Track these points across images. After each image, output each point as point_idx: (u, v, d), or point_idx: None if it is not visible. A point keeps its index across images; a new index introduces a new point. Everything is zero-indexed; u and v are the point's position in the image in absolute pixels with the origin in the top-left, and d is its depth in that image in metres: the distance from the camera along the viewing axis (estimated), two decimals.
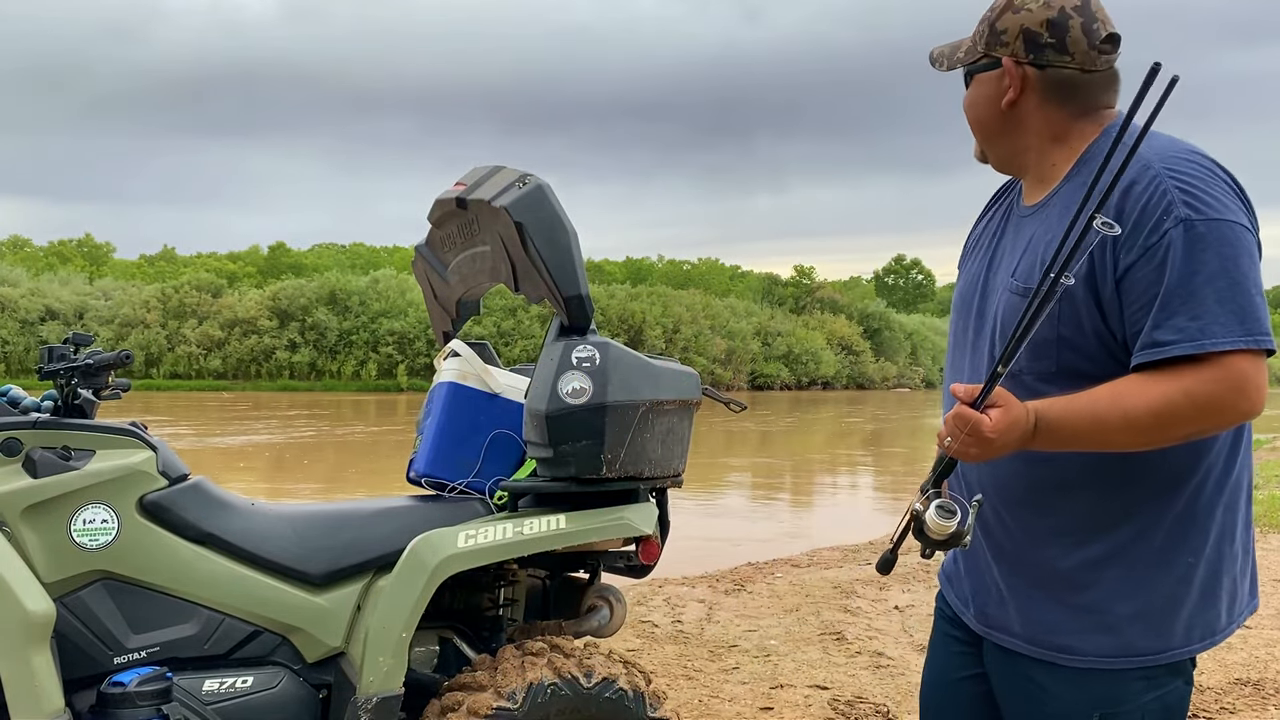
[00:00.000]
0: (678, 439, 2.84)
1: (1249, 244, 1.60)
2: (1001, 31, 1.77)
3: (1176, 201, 1.58)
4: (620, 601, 3.04)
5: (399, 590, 2.60)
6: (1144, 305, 1.59)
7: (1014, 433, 1.58)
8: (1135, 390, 1.58)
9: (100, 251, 74.04)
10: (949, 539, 1.59)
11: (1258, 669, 4.94)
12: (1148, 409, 1.57)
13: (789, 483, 15.32)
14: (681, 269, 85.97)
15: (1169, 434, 1.60)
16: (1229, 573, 1.73)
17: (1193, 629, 1.71)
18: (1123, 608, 1.69)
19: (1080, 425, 1.60)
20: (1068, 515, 1.72)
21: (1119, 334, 1.64)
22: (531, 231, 2.65)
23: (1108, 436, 1.60)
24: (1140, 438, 1.60)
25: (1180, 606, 1.69)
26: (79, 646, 2.50)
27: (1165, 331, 1.57)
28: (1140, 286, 1.59)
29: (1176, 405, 1.56)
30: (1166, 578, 1.69)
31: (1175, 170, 1.62)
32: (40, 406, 2.64)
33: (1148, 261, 1.58)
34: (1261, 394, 1.58)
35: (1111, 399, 1.59)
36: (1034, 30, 1.75)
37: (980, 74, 1.82)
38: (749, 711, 4.29)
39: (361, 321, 44.84)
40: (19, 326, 41.87)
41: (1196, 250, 1.56)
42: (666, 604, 6.26)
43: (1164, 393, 1.56)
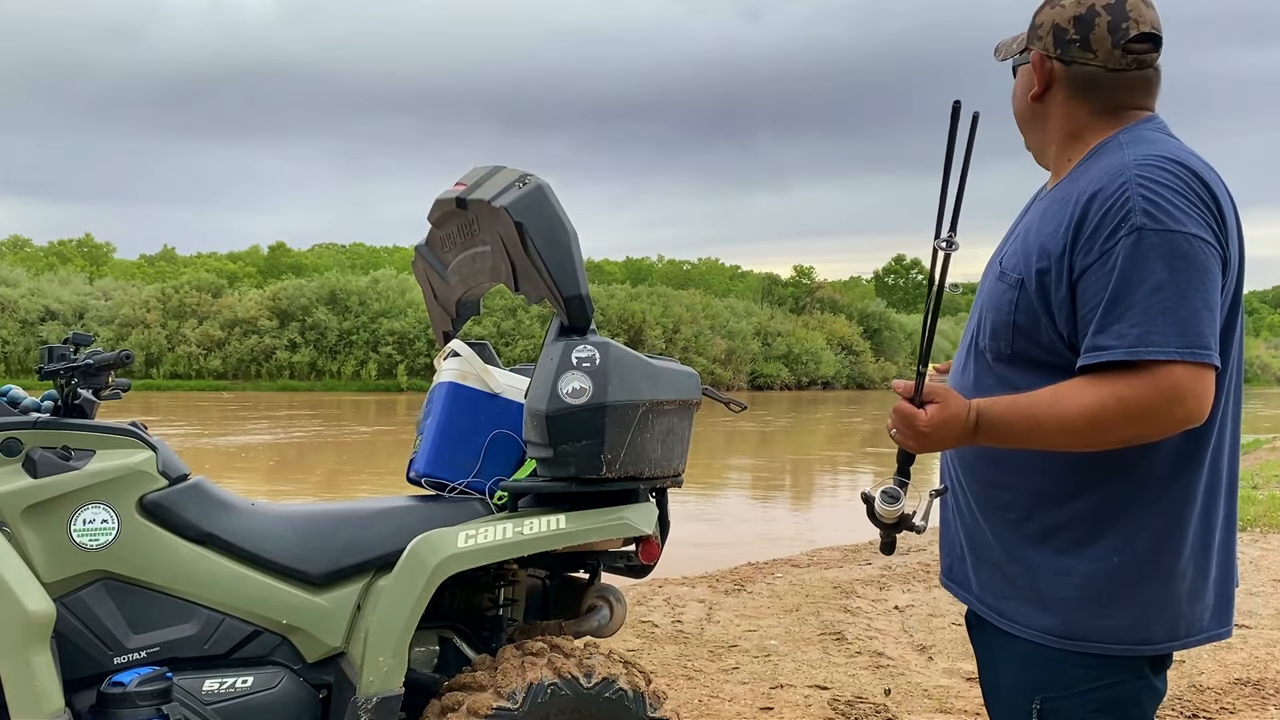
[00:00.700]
0: (678, 439, 2.84)
1: (1203, 258, 1.60)
2: (1038, 25, 1.82)
3: (1136, 210, 1.61)
4: (620, 601, 3.04)
5: (399, 590, 2.60)
6: (1093, 309, 1.63)
7: (951, 428, 1.67)
8: (1072, 394, 1.62)
9: (100, 251, 74.02)
10: (896, 522, 1.74)
11: (1258, 669, 4.94)
12: (1082, 413, 1.61)
13: (789, 483, 15.32)
14: (681, 269, 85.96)
15: (1103, 438, 1.63)
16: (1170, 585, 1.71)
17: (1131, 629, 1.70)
18: (1052, 588, 1.73)
19: (1018, 426, 1.66)
20: (1016, 492, 1.78)
21: (1065, 332, 1.69)
22: (531, 231, 2.65)
23: (1045, 438, 1.65)
24: (1075, 440, 1.64)
25: (1112, 600, 1.70)
26: (79, 646, 2.50)
27: (1107, 336, 1.60)
28: (1091, 290, 1.63)
29: (1109, 410, 1.59)
30: (1089, 567, 1.71)
31: (1145, 178, 1.64)
32: (40, 406, 2.64)
33: (1100, 266, 1.62)
34: (1201, 402, 1.59)
35: (1050, 402, 1.64)
36: (1062, 26, 1.78)
37: (1023, 65, 1.87)
38: (749, 711, 4.29)
39: (361, 321, 44.83)
40: (19, 326, 41.85)
41: (1147, 259, 1.59)
42: (666, 604, 6.26)
43: (1098, 397, 1.60)
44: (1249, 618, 5.99)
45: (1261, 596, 6.58)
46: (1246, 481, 12.99)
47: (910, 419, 1.68)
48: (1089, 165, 1.76)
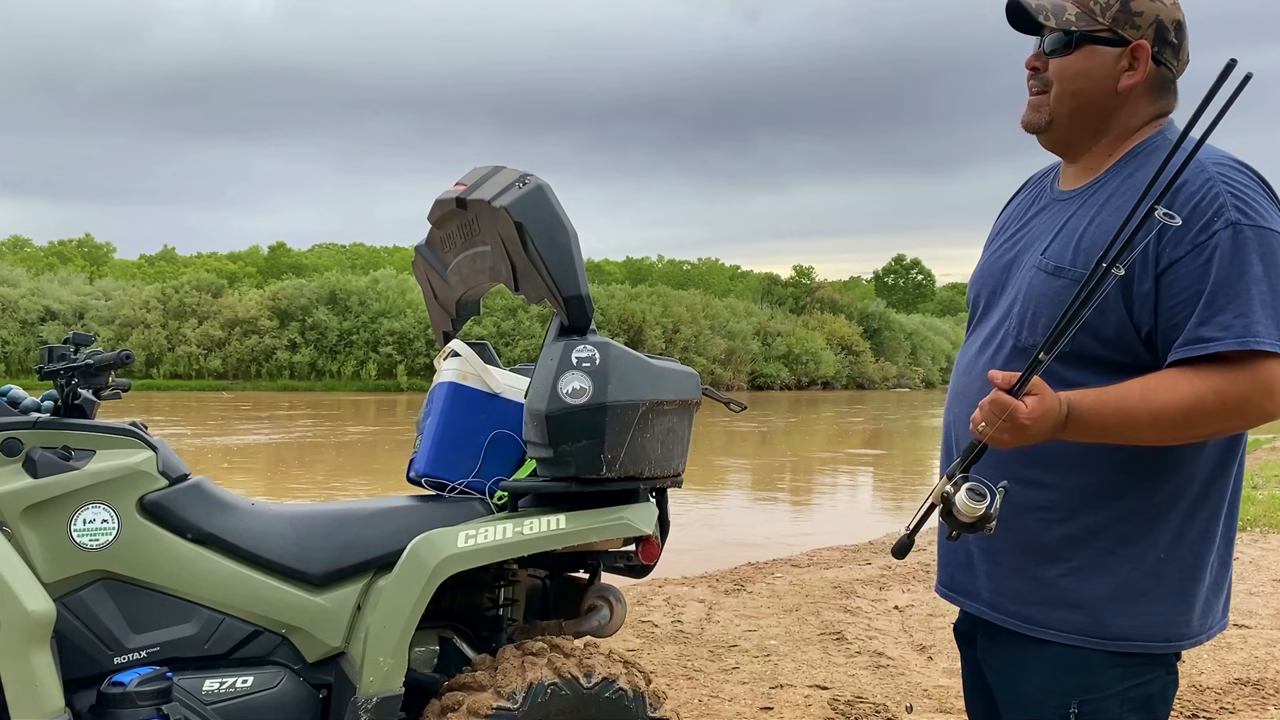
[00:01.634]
0: (678, 439, 2.84)
1: None
2: (1137, 14, 1.75)
3: (1228, 205, 1.62)
4: (620, 601, 3.04)
5: (399, 590, 2.60)
6: (1186, 300, 1.62)
7: (1047, 421, 1.61)
8: (1166, 387, 1.61)
9: (100, 251, 74.04)
10: (976, 521, 1.61)
11: (1258, 669, 4.94)
12: (1178, 406, 1.59)
13: (789, 483, 15.32)
14: (681, 269, 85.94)
15: (1195, 432, 1.63)
16: (1201, 579, 1.74)
17: (1165, 624, 1.72)
18: (1091, 588, 1.72)
19: (1109, 419, 1.62)
20: (1058, 492, 1.74)
21: (1143, 327, 1.67)
22: (531, 231, 2.65)
23: (1135, 432, 1.63)
24: (1166, 434, 1.63)
25: (1150, 598, 1.71)
26: (79, 646, 2.50)
27: (1211, 328, 1.59)
28: (1184, 281, 1.62)
29: (1207, 404, 1.59)
30: (1135, 567, 1.71)
31: (1227, 176, 1.65)
32: (40, 406, 2.64)
33: (1194, 257, 1.61)
34: None
35: (1142, 395, 1.61)
36: (1166, 26, 1.76)
37: (1096, 46, 1.77)
38: (749, 711, 4.29)
39: (361, 321, 44.81)
40: (19, 326, 41.81)
41: (1244, 253, 1.60)
42: (666, 604, 6.26)
43: (1196, 391, 1.59)
44: (1249, 618, 5.99)
45: (1261, 596, 6.58)
46: (1247, 481, 12.96)
47: (1010, 410, 1.58)
48: (1140, 162, 1.75)
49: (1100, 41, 1.77)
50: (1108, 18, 1.76)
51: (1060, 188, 1.88)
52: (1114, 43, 1.76)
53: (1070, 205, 1.82)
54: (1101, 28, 1.76)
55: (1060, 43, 1.79)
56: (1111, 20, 1.76)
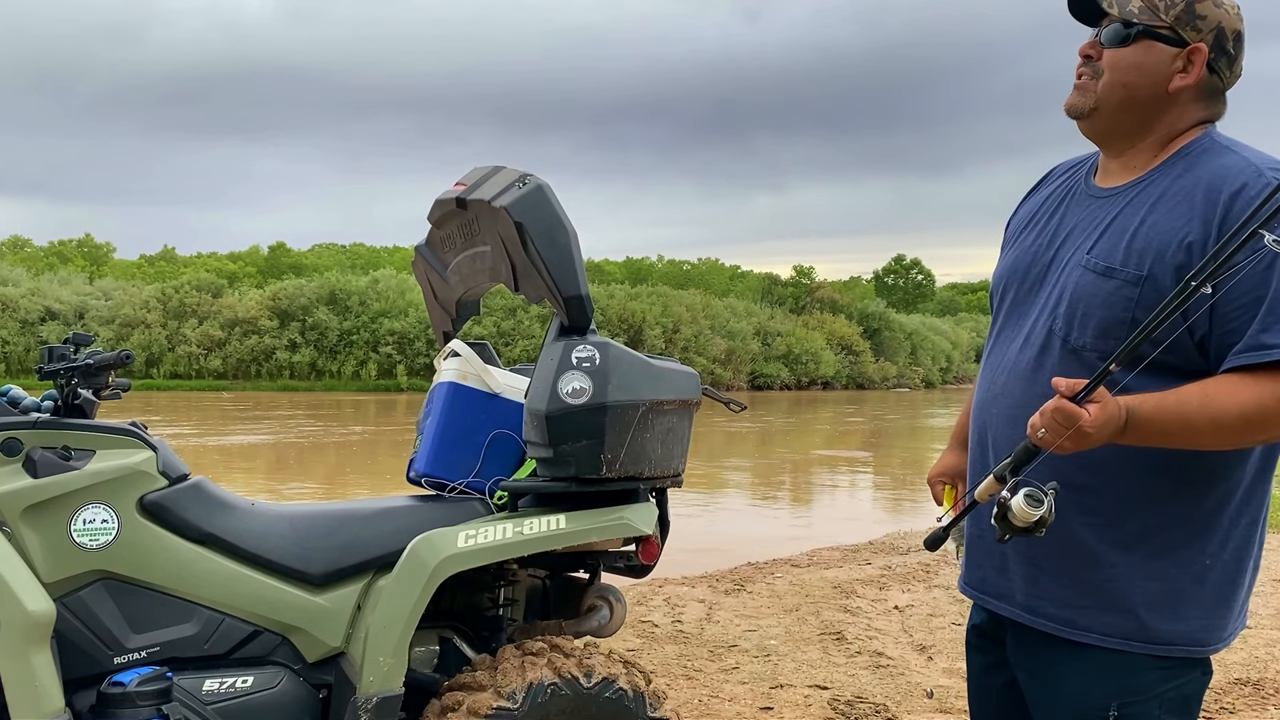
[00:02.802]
0: (678, 439, 2.84)
1: None
2: (1200, 16, 1.75)
3: None
4: (620, 601, 3.04)
5: (399, 590, 2.60)
6: (1245, 306, 1.61)
7: (1108, 429, 1.60)
8: (1225, 392, 1.61)
9: (100, 251, 73.99)
10: (1032, 526, 1.60)
11: (1258, 669, 4.94)
12: (1239, 412, 1.59)
13: (789, 483, 15.32)
14: (681, 269, 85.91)
15: (1254, 437, 1.64)
16: (1242, 584, 1.77)
17: (1207, 628, 1.74)
18: (1137, 593, 1.72)
19: (1169, 424, 1.62)
20: (1105, 496, 1.74)
21: (1198, 332, 1.66)
22: (531, 231, 2.65)
23: (1194, 436, 1.63)
24: (1225, 438, 1.63)
25: (1194, 602, 1.72)
26: (79, 646, 2.50)
27: (1273, 335, 1.59)
28: (1243, 287, 1.60)
29: (1267, 410, 1.59)
30: (1183, 572, 1.72)
31: None
32: (40, 406, 2.65)
33: (1255, 264, 1.59)
34: None
35: (1201, 400, 1.61)
36: (1227, 33, 1.76)
37: (1154, 41, 1.76)
38: (749, 711, 4.29)
39: (361, 321, 44.79)
40: (19, 326, 41.79)
41: None
42: (666, 604, 6.26)
43: (1256, 397, 1.59)
44: (1249, 617, 5.99)
45: (1261, 596, 6.58)
46: None
47: (1074, 418, 1.57)
48: (1189, 163, 1.73)
49: (1160, 39, 1.75)
50: (1171, 16, 1.75)
51: (1098, 184, 1.86)
52: (1173, 42, 1.75)
53: (1114, 203, 1.80)
54: (1163, 24, 1.75)
55: (1119, 34, 1.78)
56: (1174, 19, 1.75)
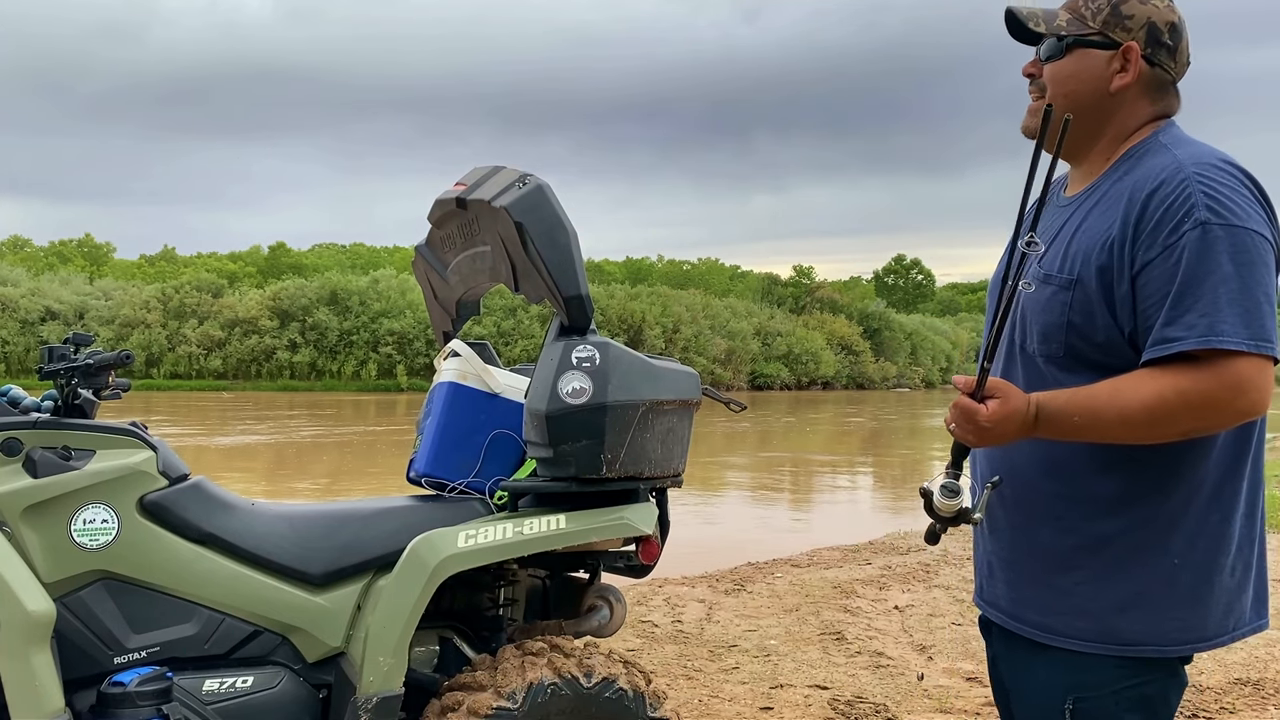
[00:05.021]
0: (678, 439, 2.84)
1: (1263, 252, 1.63)
2: (1127, 16, 1.78)
3: (1199, 205, 1.63)
4: (620, 601, 3.04)
5: (399, 590, 2.60)
6: (1157, 301, 1.64)
7: (1011, 423, 1.65)
8: (1132, 387, 1.63)
9: (100, 251, 73.98)
10: (955, 516, 1.68)
11: (1258, 669, 4.94)
12: (1142, 405, 1.62)
13: (789, 483, 15.31)
14: (681, 269, 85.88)
15: (1163, 430, 1.64)
16: (1220, 582, 1.74)
17: (1182, 629, 1.73)
18: (1104, 596, 1.74)
19: (1079, 418, 1.65)
20: (1070, 501, 1.76)
21: (1126, 329, 1.69)
22: (531, 231, 2.65)
23: (1105, 430, 1.65)
24: (1136, 432, 1.64)
25: (1164, 603, 1.72)
26: (79, 646, 2.50)
27: (1176, 328, 1.61)
28: (1156, 283, 1.64)
29: (1169, 403, 1.60)
30: (1151, 574, 1.72)
31: (1204, 175, 1.66)
32: (40, 406, 2.64)
33: (1165, 259, 1.63)
34: (1264, 395, 1.62)
35: (1110, 395, 1.64)
36: (1159, 27, 1.78)
37: (1087, 49, 1.80)
38: (749, 711, 4.29)
39: (362, 321, 44.81)
40: (19, 326, 41.83)
41: (1212, 252, 1.61)
42: (666, 604, 6.26)
43: (1158, 390, 1.61)
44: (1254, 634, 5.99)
45: None
46: None
47: (972, 414, 1.65)
48: (1131, 165, 1.77)
49: (1091, 45, 1.80)
50: (1098, 21, 1.79)
51: (1064, 195, 1.90)
52: (1105, 45, 1.79)
53: (1067, 211, 1.85)
54: (1092, 31, 1.79)
55: (1054, 48, 1.83)
56: (1102, 24, 1.79)
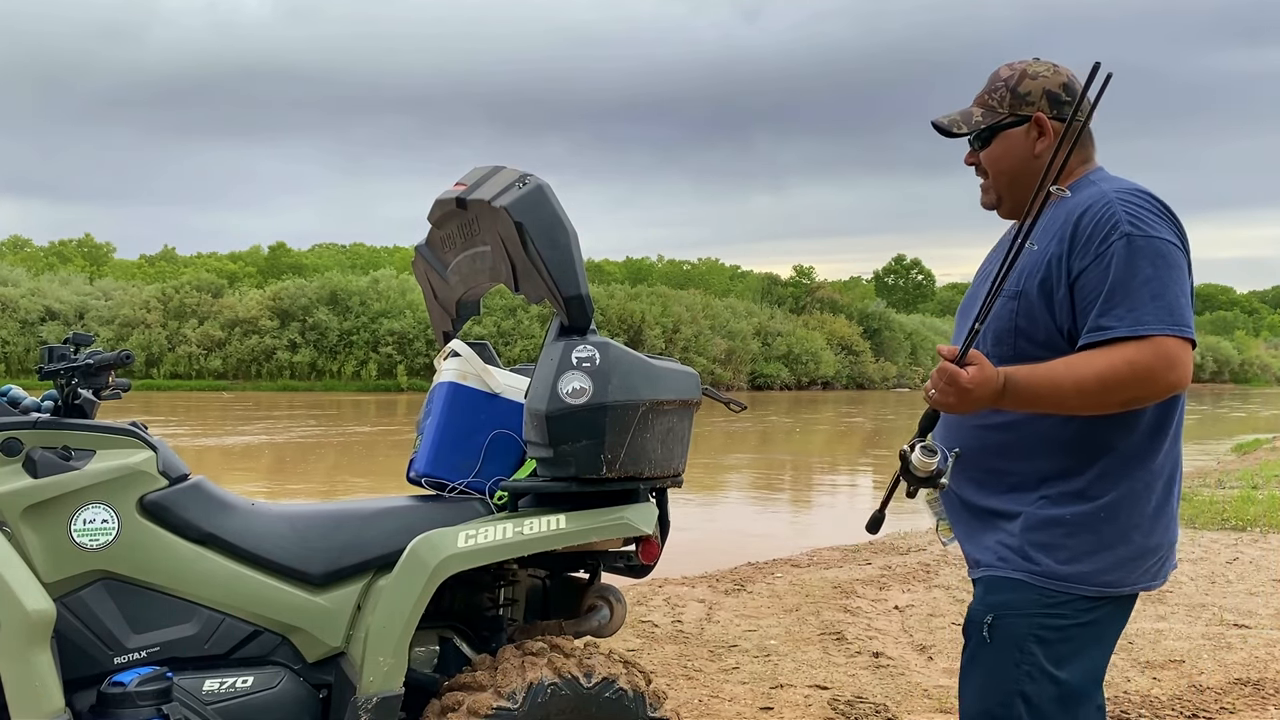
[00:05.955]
0: (678, 439, 2.84)
1: (1177, 258, 2.00)
2: (1026, 94, 2.15)
3: (1123, 221, 1.99)
4: (620, 601, 3.04)
5: (399, 590, 2.60)
6: (1092, 300, 1.98)
7: (986, 388, 1.93)
8: (1086, 361, 1.95)
9: (100, 251, 73.94)
10: (930, 476, 1.96)
11: (1258, 669, 4.94)
12: (1096, 375, 1.93)
13: (789, 483, 15.32)
14: (681, 269, 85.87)
15: (1112, 398, 1.95)
16: (1140, 540, 2.06)
17: (1091, 571, 2.03)
18: (1032, 537, 2.06)
19: (1040, 388, 1.95)
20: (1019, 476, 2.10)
21: (1064, 328, 2.03)
22: (531, 231, 2.65)
23: (1062, 398, 1.96)
24: (1087, 400, 1.95)
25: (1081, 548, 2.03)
26: (79, 646, 2.50)
27: (1108, 319, 1.95)
28: (1090, 286, 1.99)
29: (1119, 371, 1.92)
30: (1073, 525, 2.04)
31: (1124, 199, 2.02)
32: (40, 406, 2.64)
33: (1097, 265, 1.98)
34: (1187, 370, 1.96)
35: (1066, 367, 1.96)
36: (1055, 91, 2.14)
37: (1006, 131, 2.16)
38: (749, 711, 4.29)
39: (362, 322, 44.79)
40: (19, 326, 41.80)
41: (1136, 259, 1.96)
42: (666, 604, 6.26)
43: (1110, 361, 1.93)
44: (1249, 618, 5.99)
45: (1261, 596, 6.59)
46: (1246, 481, 12.99)
47: (955, 377, 1.91)
48: (1065, 200, 2.07)
49: (1008, 127, 2.16)
50: (1005, 106, 2.16)
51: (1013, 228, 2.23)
52: (1019, 122, 2.15)
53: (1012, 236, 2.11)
54: (1004, 116, 2.16)
55: (980, 140, 2.20)
56: (1009, 107, 2.16)
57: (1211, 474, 14.55)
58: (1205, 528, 9.44)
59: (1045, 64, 2.17)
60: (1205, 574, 7.27)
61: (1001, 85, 2.16)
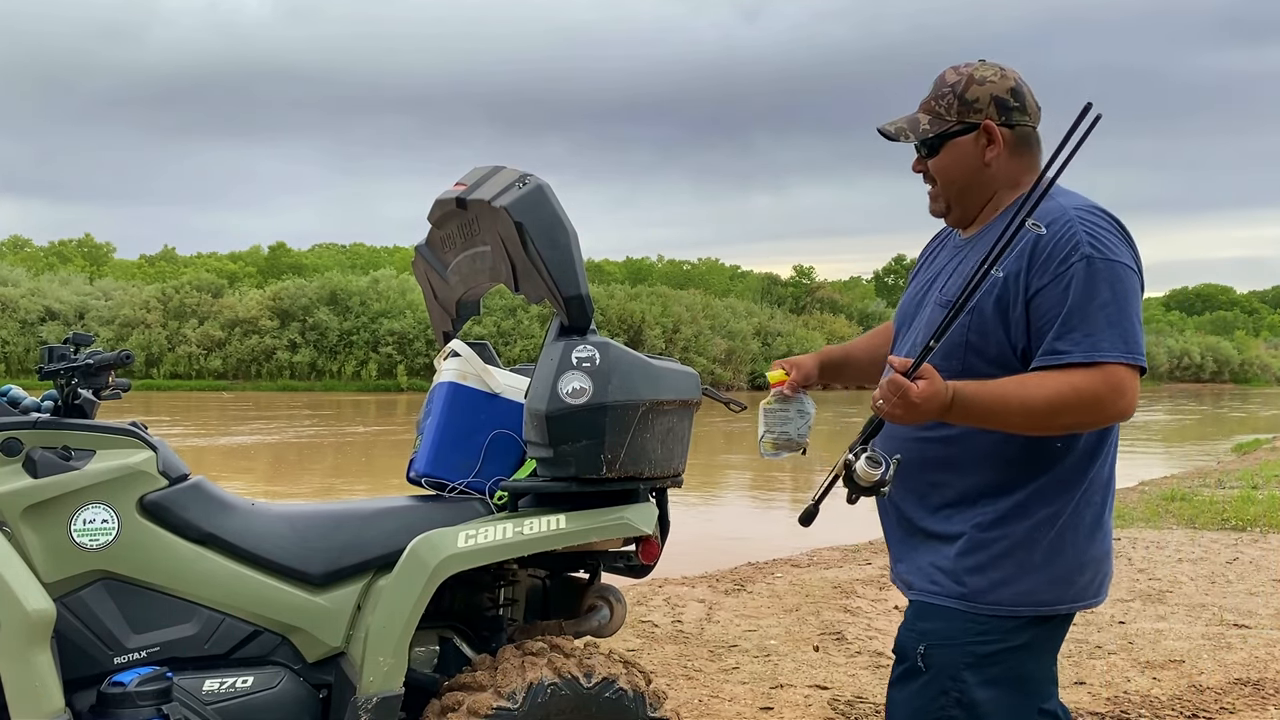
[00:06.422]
0: (678, 439, 2.84)
1: (1134, 283, 1.99)
2: (973, 100, 2.10)
3: (1083, 241, 1.97)
4: (620, 601, 3.04)
5: (399, 590, 2.60)
6: (1049, 321, 1.96)
7: (934, 402, 1.91)
8: (1036, 382, 1.94)
9: (100, 251, 73.93)
10: (873, 486, 1.94)
11: (1258, 669, 4.94)
12: (1044, 398, 1.92)
13: (789, 482, 15.31)
14: (681, 269, 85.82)
15: (1057, 421, 1.95)
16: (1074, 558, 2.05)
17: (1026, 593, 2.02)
18: (966, 560, 2.05)
19: (987, 406, 1.94)
20: (957, 491, 2.09)
21: (1018, 346, 2.01)
22: (531, 232, 2.65)
23: (1007, 417, 1.95)
24: (1032, 420, 1.94)
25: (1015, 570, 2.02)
26: (79, 646, 2.50)
27: (1064, 342, 1.94)
28: (1047, 305, 1.97)
29: (1067, 398, 1.91)
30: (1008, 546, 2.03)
31: (1085, 219, 2.01)
32: (40, 406, 2.64)
33: (1055, 285, 1.96)
34: (1133, 399, 1.95)
35: (1017, 386, 1.95)
36: (1002, 96, 2.10)
37: (955, 139, 2.12)
38: (749, 711, 4.29)
39: (362, 322, 44.78)
40: (19, 326, 41.80)
41: (1095, 282, 1.95)
42: (666, 604, 6.26)
43: (1058, 386, 1.92)
44: (1249, 618, 5.99)
45: (1261, 596, 6.58)
46: (1246, 481, 12.99)
47: (905, 390, 1.88)
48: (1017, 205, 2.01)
49: (956, 134, 2.12)
50: (953, 114, 2.11)
51: (960, 236, 2.23)
52: (967, 129, 2.11)
53: (966, 248, 2.17)
54: (952, 124, 2.12)
55: (928, 148, 2.16)
56: (957, 115, 2.11)
57: (1211, 474, 14.54)
58: (1205, 528, 9.44)
59: (992, 67, 2.12)
60: (1205, 574, 7.28)
61: (948, 91, 2.12)
